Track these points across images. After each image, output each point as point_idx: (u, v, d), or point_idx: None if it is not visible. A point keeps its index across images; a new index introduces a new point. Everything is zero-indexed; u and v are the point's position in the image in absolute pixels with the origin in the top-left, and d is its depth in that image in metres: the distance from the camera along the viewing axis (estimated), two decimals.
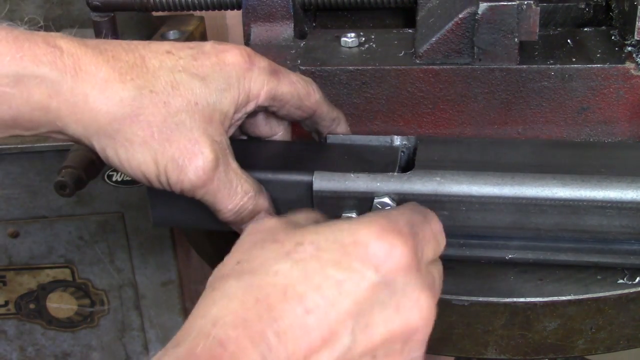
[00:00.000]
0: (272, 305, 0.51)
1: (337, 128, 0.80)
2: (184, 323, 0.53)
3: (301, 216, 0.64)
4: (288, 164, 0.76)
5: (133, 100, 0.65)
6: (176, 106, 0.66)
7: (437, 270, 0.59)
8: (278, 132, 0.79)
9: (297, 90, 0.73)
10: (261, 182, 0.72)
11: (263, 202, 0.71)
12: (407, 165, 0.76)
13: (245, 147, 0.78)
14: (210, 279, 0.57)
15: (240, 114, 0.71)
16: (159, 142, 0.66)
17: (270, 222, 0.59)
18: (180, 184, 0.67)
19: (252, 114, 0.76)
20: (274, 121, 0.79)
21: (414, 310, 0.54)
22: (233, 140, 0.71)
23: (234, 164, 0.69)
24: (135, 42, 0.69)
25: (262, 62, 0.71)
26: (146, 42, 0.70)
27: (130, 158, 0.66)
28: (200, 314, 0.52)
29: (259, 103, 0.72)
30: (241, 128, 0.79)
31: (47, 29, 0.67)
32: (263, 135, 0.79)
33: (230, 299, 0.52)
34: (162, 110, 0.66)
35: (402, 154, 0.77)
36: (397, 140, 0.77)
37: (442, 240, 0.60)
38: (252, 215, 0.71)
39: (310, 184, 0.71)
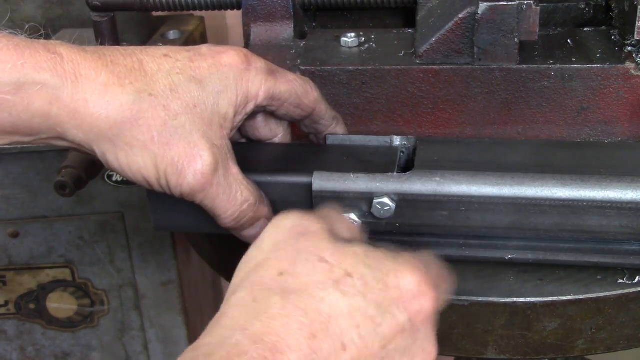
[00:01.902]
0: (314, 334, 0.51)
1: (337, 128, 0.80)
2: (211, 325, 0.52)
3: (341, 225, 0.62)
4: (288, 165, 0.76)
5: (133, 105, 0.65)
6: (175, 109, 0.66)
7: None
8: (278, 133, 0.79)
9: (294, 88, 0.74)
10: (261, 185, 0.72)
11: (263, 209, 0.71)
12: (407, 166, 0.76)
13: (244, 150, 0.78)
14: (242, 277, 0.55)
15: (240, 115, 0.71)
16: (158, 146, 0.66)
17: (314, 226, 0.58)
18: (179, 188, 0.67)
19: (251, 116, 0.76)
20: (274, 123, 0.79)
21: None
22: (232, 143, 0.71)
23: (235, 169, 0.69)
24: (133, 47, 0.69)
25: (259, 63, 0.71)
26: (144, 47, 0.70)
27: (130, 162, 0.66)
28: (239, 325, 0.51)
29: (258, 103, 0.72)
30: (241, 131, 0.79)
31: (46, 36, 0.67)
32: (263, 138, 0.79)
33: (274, 319, 0.52)
34: (162, 113, 0.66)
35: (402, 154, 0.77)
36: (397, 141, 0.77)
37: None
38: (252, 222, 0.71)
39: (310, 185, 0.71)
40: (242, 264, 0.57)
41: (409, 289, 0.56)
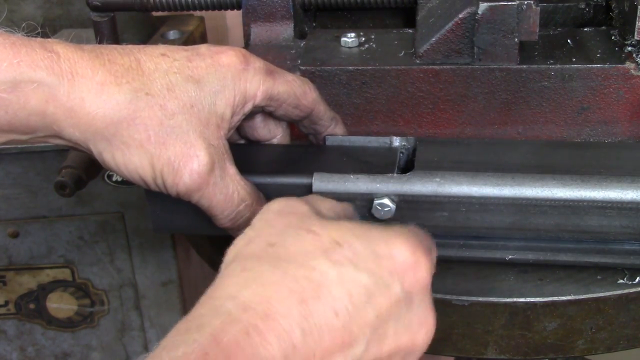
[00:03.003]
0: (304, 301, 0.51)
1: (335, 128, 0.80)
2: (203, 297, 0.52)
3: (324, 205, 0.63)
4: (287, 166, 0.76)
5: (129, 104, 0.65)
6: (172, 109, 0.66)
7: None
8: (277, 134, 0.79)
9: (293, 89, 0.74)
10: (260, 186, 0.72)
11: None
12: (407, 166, 0.76)
13: (243, 151, 0.78)
14: (234, 254, 0.56)
15: (238, 116, 0.71)
16: (155, 146, 0.66)
17: (301, 207, 0.59)
18: (176, 187, 0.67)
19: (250, 116, 0.75)
20: (272, 123, 0.79)
21: (422, 329, 0.57)
22: (231, 144, 0.71)
23: (232, 170, 0.69)
24: (131, 46, 0.69)
25: (257, 63, 0.71)
26: (142, 46, 0.70)
27: (127, 161, 0.66)
28: (229, 293, 0.51)
29: (256, 103, 0.72)
30: (240, 132, 0.79)
31: (44, 35, 0.67)
32: (262, 138, 0.79)
33: (264, 286, 0.52)
34: (158, 113, 0.66)
35: (401, 154, 0.77)
36: (396, 141, 0.77)
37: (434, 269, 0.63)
38: (249, 223, 0.71)
39: (310, 186, 0.71)
40: (233, 244, 0.57)
41: (402, 259, 0.56)
